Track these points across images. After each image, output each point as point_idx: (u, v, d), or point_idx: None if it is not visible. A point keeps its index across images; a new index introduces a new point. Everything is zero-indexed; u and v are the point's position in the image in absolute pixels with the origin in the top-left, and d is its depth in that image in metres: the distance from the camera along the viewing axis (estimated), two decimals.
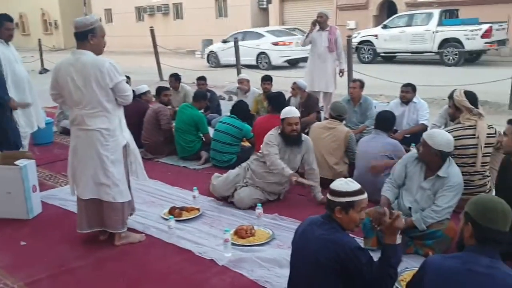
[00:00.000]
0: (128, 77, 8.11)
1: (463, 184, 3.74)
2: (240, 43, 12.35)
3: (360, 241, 3.66)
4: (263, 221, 4.15)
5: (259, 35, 18.45)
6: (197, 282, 3.29)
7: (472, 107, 4.13)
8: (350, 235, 2.59)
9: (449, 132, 4.00)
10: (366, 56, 17.96)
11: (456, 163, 3.78)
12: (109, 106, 3.55)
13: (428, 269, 2.09)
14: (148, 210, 4.52)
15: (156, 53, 14.51)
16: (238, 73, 12.27)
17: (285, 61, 17.32)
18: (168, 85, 7.89)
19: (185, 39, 27.48)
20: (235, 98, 7.98)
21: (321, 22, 7.93)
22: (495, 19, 16.41)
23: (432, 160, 3.52)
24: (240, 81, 8.05)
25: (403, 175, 3.70)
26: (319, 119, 6.88)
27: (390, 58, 18.34)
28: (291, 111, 4.60)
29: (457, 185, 3.49)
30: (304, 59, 17.48)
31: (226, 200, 4.67)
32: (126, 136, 3.72)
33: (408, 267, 3.18)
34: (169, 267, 3.51)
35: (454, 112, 4.26)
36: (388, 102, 7.35)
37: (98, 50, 3.59)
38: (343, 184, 2.52)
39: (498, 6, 18.10)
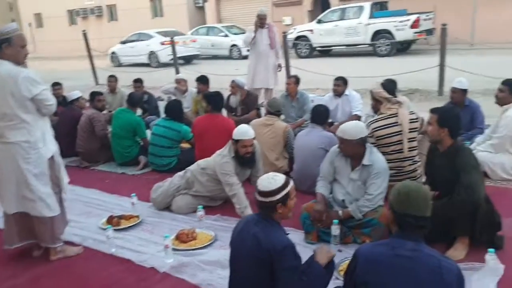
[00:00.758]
0: (58, 84, 7.85)
1: (395, 170, 3.91)
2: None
3: (302, 234, 3.74)
4: (205, 223, 4.11)
5: (149, 36, 19.72)
6: None
7: (390, 96, 4.31)
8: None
9: (372, 123, 4.19)
10: (303, 51, 18.26)
11: (385, 152, 3.97)
12: (28, 117, 3.38)
13: (359, 258, 2.15)
14: (85, 221, 4.38)
15: (90, 57, 14.09)
16: (176, 73, 12.15)
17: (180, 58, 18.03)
18: (101, 90, 7.67)
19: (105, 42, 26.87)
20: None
21: (263, 21, 8.03)
22: (422, 9, 17.13)
23: (356, 152, 3.62)
24: (178, 81, 7.93)
25: (332, 171, 3.80)
26: (259, 116, 6.92)
27: (326, 52, 18.75)
28: (247, 133, 4.19)
29: (383, 171, 3.61)
30: (195, 57, 19.44)
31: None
32: (51, 148, 3.55)
33: (347, 256, 3.24)
34: (109, 278, 3.41)
35: (375, 104, 4.41)
36: (324, 95, 7.50)
37: (16, 61, 3.41)
38: (270, 181, 2.53)
39: None
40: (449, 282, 1.98)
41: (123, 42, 20.43)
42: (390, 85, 4.79)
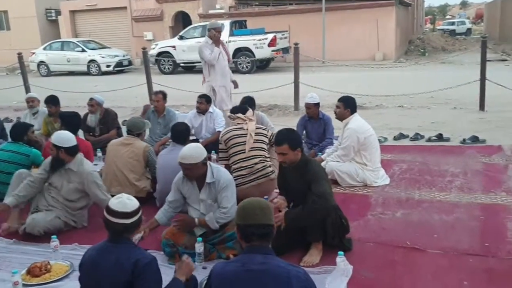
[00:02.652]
0: None
1: (246, 170, 4.55)
2: None
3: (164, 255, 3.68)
4: (60, 254, 3.79)
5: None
6: None
7: (238, 115, 4.99)
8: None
9: (226, 133, 4.86)
10: (166, 67, 18.19)
11: (234, 152, 4.68)
12: None
13: (213, 277, 2.22)
14: None
15: None
16: (27, 91, 11.24)
17: None
18: None
19: None
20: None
21: (218, 37, 7.30)
22: (278, 28, 18.24)
23: (200, 172, 3.63)
24: (29, 100, 7.31)
25: (180, 197, 3.79)
26: (119, 135, 6.69)
27: (190, 68, 18.90)
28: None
29: (228, 183, 3.70)
30: None
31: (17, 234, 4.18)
32: None
33: None
34: None
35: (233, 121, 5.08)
36: (188, 112, 7.53)
37: None
38: (127, 202, 2.48)
39: (280, 17, 20.24)
40: None
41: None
42: (237, 109, 5.28)
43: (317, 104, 6.00)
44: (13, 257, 3.86)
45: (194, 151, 3.60)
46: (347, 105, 5.13)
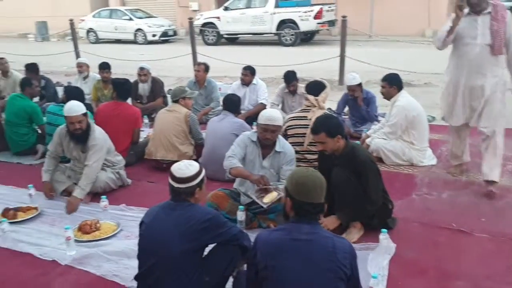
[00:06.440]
0: None
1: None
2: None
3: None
4: (109, 213, 3.99)
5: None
6: (39, 285, 3.08)
7: (308, 97, 4.55)
8: None
9: (289, 120, 4.52)
10: (210, 38, 18.19)
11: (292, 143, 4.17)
12: None
13: (258, 244, 2.25)
14: None
15: None
16: (77, 56, 11.55)
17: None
18: None
19: (14, 21, 24.84)
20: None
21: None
22: (325, 1, 17.82)
23: (275, 138, 3.70)
24: (79, 65, 7.57)
25: (243, 155, 3.80)
26: (165, 103, 6.81)
27: (233, 40, 18.84)
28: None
29: (294, 156, 3.80)
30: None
31: (69, 195, 4.38)
32: None
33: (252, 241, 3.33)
34: (5, 273, 3.21)
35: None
36: (231, 83, 7.56)
37: None
38: (187, 167, 2.59)
39: None
40: (343, 260, 2.12)
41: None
42: (290, 76, 5.25)
43: (360, 85, 5.87)
44: (64, 214, 4.03)
45: (276, 114, 3.66)
46: (392, 83, 5.01)
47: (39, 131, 5.72)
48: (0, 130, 5.76)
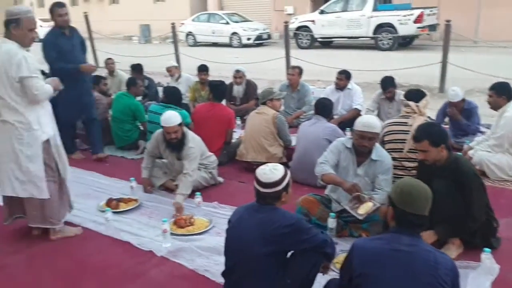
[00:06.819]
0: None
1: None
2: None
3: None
4: (202, 210, 4.14)
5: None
6: (136, 274, 3.24)
7: (409, 104, 4.36)
8: None
9: (388, 126, 4.33)
10: (304, 42, 18.19)
11: (388, 150, 3.96)
12: (18, 99, 3.36)
13: (355, 252, 2.19)
14: (85, 202, 4.38)
15: (91, 39, 13.98)
16: (177, 59, 12.09)
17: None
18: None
19: (121, 25, 26.63)
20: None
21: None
22: (426, 4, 17.04)
23: (372, 146, 3.59)
24: (168, 70, 8.11)
25: (336, 162, 3.73)
26: (258, 106, 6.90)
27: (327, 43, 18.69)
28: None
29: (391, 165, 3.66)
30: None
31: (166, 189, 4.63)
32: (47, 131, 3.52)
33: (343, 249, 3.27)
34: (106, 260, 3.43)
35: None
36: (324, 87, 7.49)
37: (22, 42, 3.39)
38: (272, 171, 2.57)
39: None
40: (444, 276, 2.01)
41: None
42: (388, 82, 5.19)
43: (463, 100, 5.53)
44: (161, 208, 4.26)
45: (374, 121, 3.60)
46: (501, 93, 4.66)
47: (142, 128, 6.08)
48: (107, 125, 6.20)
